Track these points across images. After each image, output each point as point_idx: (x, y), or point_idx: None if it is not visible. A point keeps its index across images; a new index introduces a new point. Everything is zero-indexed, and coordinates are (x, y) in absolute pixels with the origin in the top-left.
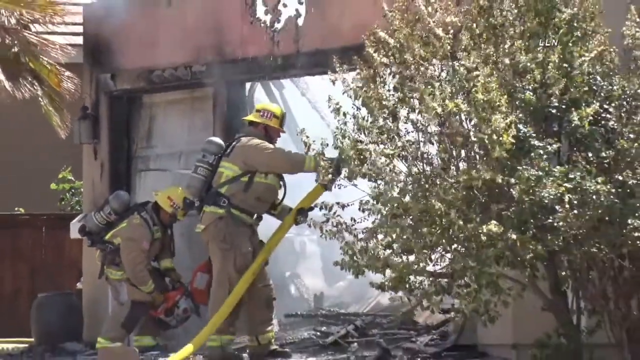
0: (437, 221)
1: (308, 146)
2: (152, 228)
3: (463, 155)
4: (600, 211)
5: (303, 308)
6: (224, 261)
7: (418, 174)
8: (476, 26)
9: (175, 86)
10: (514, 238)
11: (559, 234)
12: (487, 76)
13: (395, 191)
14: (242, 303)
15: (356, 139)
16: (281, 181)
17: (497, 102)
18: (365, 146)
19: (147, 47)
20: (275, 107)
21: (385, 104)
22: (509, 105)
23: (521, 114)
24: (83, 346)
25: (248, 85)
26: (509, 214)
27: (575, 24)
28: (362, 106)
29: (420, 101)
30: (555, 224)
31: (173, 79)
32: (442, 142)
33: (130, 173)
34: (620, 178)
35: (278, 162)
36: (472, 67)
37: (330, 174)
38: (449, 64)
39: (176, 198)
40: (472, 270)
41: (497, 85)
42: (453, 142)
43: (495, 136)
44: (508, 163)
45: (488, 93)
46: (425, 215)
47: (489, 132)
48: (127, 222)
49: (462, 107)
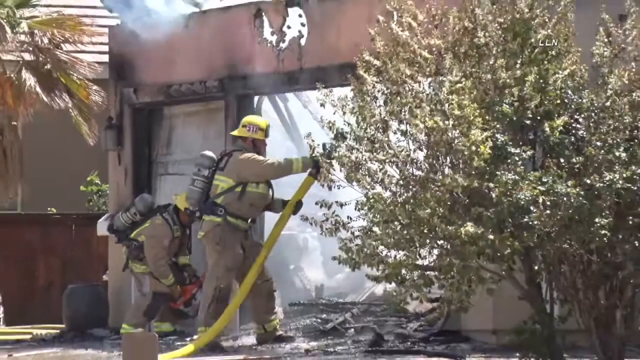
0: (423, 224)
1: (313, 149)
2: (173, 227)
3: (448, 162)
4: (570, 211)
5: (305, 298)
6: (217, 261)
7: (407, 178)
8: (460, 45)
9: (191, 99)
10: (492, 238)
11: (534, 232)
12: (469, 91)
13: (386, 196)
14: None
15: (351, 146)
16: (270, 187)
17: (472, 117)
18: (359, 154)
19: (166, 65)
20: (260, 120)
21: (375, 117)
22: (487, 117)
23: (499, 125)
24: (108, 332)
25: (256, 98)
26: (489, 214)
27: (549, 45)
28: (356, 118)
29: (408, 114)
30: (530, 223)
31: (189, 93)
32: (429, 150)
33: (151, 177)
34: (588, 182)
35: (268, 171)
36: (455, 81)
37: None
38: (434, 81)
39: None
40: (456, 266)
41: (472, 101)
42: (438, 151)
43: (474, 147)
44: (488, 169)
45: (462, 109)
46: (411, 220)
47: (468, 145)
48: (151, 222)
49: (441, 125)
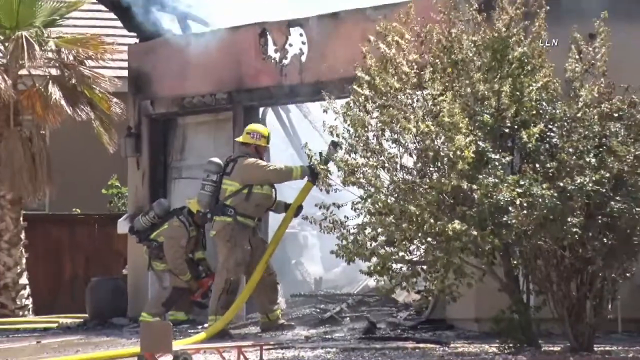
0: (414, 220)
1: (310, 157)
2: (189, 228)
3: (435, 166)
4: (545, 211)
5: (305, 289)
6: (227, 256)
7: (398, 182)
8: (440, 62)
9: (202, 110)
10: (475, 234)
11: (512, 230)
12: (451, 102)
13: (381, 194)
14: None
15: (348, 151)
16: (273, 188)
17: (460, 124)
18: (354, 160)
19: (180, 79)
20: (262, 129)
21: (369, 126)
22: (470, 126)
23: (480, 133)
24: (127, 320)
25: (261, 109)
26: (472, 214)
27: (525, 60)
28: (351, 127)
29: (399, 123)
30: (509, 222)
31: (201, 105)
32: (418, 156)
33: (166, 180)
34: (561, 185)
35: (270, 176)
36: (437, 94)
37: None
38: (419, 93)
39: None
40: (441, 260)
41: (460, 110)
42: (426, 156)
43: (458, 152)
44: (470, 172)
45: (452, 117)
46: (404, 214)
47: (454, 149)
48: (169, 224)
49: (432, 129)
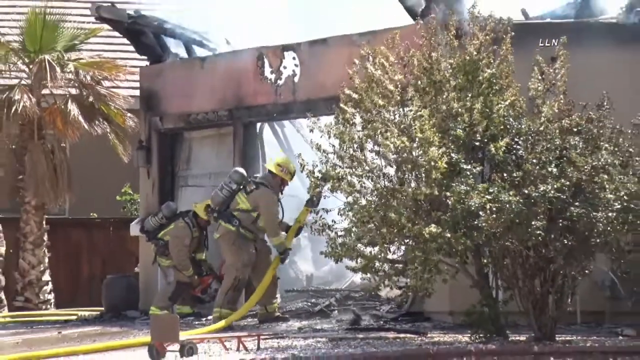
0: (393, 225)
1: (303, 166)
2: (192, 229)
3: (413, 175)
4: (512, 216)
5: (298, 285)
6: (235, 258)
7: (380, 189)
8: (420, 82)
9: (206, 125)
10: (449, 236)
11: (483, 232)
12: (428, 118)
13: (363, 202)
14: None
15: (335, 164)
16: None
17: (432, 139)
18: (341, 170)
19: (186, 97)
20: (292, 166)
21: (354, 140)
22: (444, 139)
23: (454, 146)
24: (139, 313)
25: (258, 125)
26: (446, 218)
27: (494, 81)
28: (338, 140)
29: (380, 137)
30: (479, 225)
31: (204, 121)
32: (398, 166)
33: (173, 188)
34: (526, 192)
35: (269, 225)
36: (416, 110)
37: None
38: (400, 110)
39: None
40: (419, 259)
41: (432, 126)
42: (405, 167)
43: (432, 162)
44: (444, 181)
45: (423, 132)
46: (384, 220)
47: (428, 160)
48: (175, 225)
49: (407, 144)
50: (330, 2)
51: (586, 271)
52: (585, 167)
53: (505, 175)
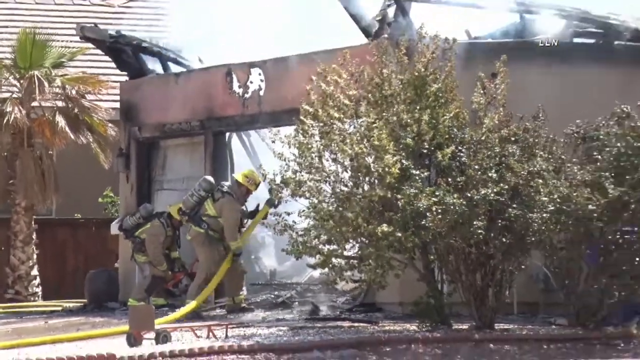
0: (350, 223)
1: (264, 176)
2: (166, 229)
3: (367, 180)
4: (455, 216)
5: (262, 279)
6: (208, 257)
7: (337, 193)
8: (372, 96)
9: (180, 135)
10: (399, 235)
11: (429, 231)
12: (381, 129)
13: (323, 204)
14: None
15: (295, 170)
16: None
17: (387, 147)
18: (301, 176)
19: (162, 109)
20: (257, 177)
21: (312, 149)
22: (395, 147)
23: (404, 153)
24: (119, 305)
25: (227, 134)
26: (397, 218)
27: (440, 94)
28: (298, 150)
29: (337, 146)
30: (427, 225)
31: (178, 130)
32: (353, 172)
33: (150, 191)
34: (469, 195)
35: (229, 232)
36: (371, 122)
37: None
38: (355, 122)
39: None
40: (373, 255)
41: (387, 135)
42: (360, 172)
43: (387, 168)
44: (396, 185)
45: (381, 141)
46: (342, 219)
47: (382, 166)
48: (151, 224)
49: (364, 150)
50: (293, 22)
51: (522, 266)
52: (522, 173)
53: (450, 179)
